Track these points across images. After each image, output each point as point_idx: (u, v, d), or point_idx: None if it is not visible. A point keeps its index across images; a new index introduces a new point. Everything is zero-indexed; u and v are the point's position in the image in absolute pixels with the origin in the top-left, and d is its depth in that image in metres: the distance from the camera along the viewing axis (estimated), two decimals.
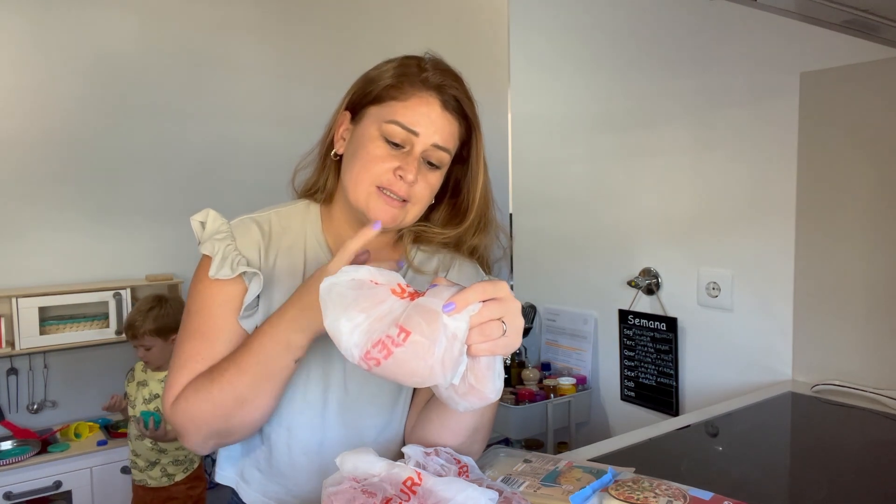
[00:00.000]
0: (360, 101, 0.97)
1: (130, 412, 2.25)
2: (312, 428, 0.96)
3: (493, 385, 0.74)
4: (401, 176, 0.90)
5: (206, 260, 0.94)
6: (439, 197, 1.02)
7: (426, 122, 0.91)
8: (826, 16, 1.09)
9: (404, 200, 0.92)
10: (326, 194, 1.02)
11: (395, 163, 0.90)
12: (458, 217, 1.02)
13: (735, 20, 1.79)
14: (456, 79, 0.96)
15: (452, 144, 0.95)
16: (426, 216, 1.02)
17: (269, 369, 0.85)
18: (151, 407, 2.20)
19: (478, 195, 0.99)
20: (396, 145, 0.91)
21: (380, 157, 0.91)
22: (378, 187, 0.91)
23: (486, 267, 1.07)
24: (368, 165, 0.91)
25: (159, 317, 2.20)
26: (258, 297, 0.93)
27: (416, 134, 0.91)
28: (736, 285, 1.82)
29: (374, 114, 0.94)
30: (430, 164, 0.93)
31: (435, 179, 0.95)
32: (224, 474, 1.02)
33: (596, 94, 2.24)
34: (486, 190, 1.01)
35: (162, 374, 2.25)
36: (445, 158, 0.94)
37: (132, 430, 2.23)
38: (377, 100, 0.94)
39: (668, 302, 2.00)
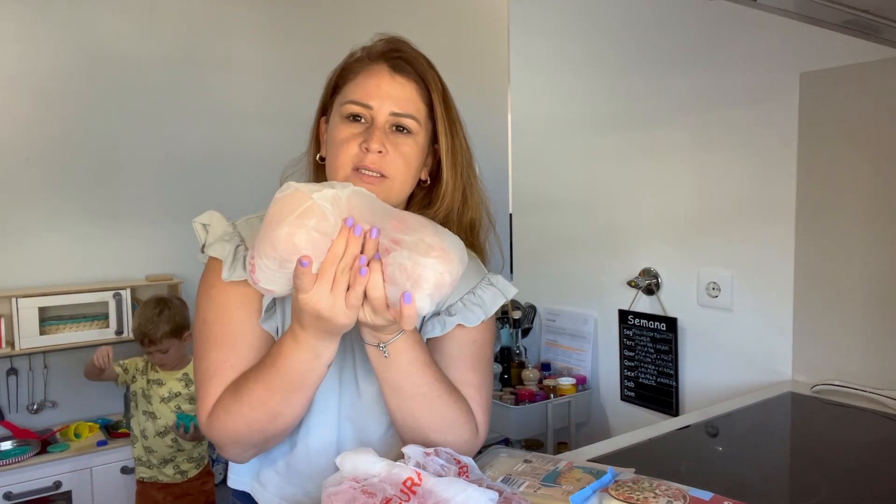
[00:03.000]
0: (326, 98, 0.99)
1: (145, 407, 2.25)
2: (329, 427, 0.96)
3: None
4: (366, 148, 0.89)
5: (213, 263, 0.93)
6: (435, 177, 1.01)
7: (377, 93, 0.91)
8: (826, 16, 1.09)
9: (382, 176, 0.91)
10: None
11: (360, 139, 0.90)
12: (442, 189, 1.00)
13: (735, 20, 1.79)
14: (404, 43, 0.96)
15: (415, 108, 0.93)
16: (427, 204, 1.01)
17: (300, 382, 0.83)
18: (172, 405, 2.21)
19: (444, 156, 0.97)
20: (359, 123, 0.92)
21: (345, 138, 0.91)
22: (354, 170, 0.90)
23: (483, 254, 1.06)
24: (338, 151, 0.91)
25: (171, 318, 2.23)
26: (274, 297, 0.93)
27: (369, 107, 0.91)
28: (736, 285, 1.82)
29: (336, 103, 0.96)
30: (399, 132, 0.92)
31: (409, 149, 0.93)
32: (239, 479, 1.02)
33: (596, 94, 2.24)
34: (459, 152, 0.98)
35: (179, 373, 2.26)
36: (412, 124, 0.93)
37: (149, 426, 2.23)
38: (336, 90, 0.97)
39: (668, 302, 2.00)
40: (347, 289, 0.76)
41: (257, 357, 0.89)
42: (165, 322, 2.21)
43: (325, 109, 1.00)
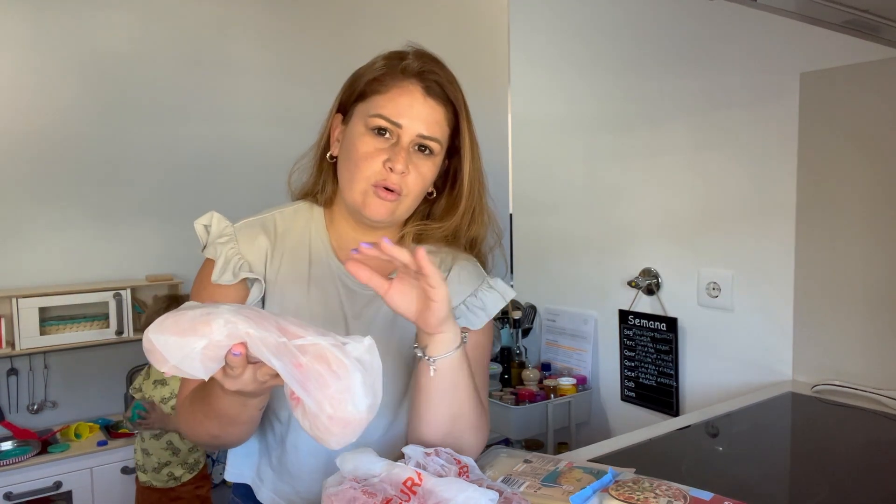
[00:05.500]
0: (348, 100, 0.98)
1: None
2: None
3: (353, 406, 0.68)
4: (391, 168, 0.89)
5: (208, 264, 0.95)
6: (439, 190, 1.01)
7: (409, 113, 0.91)
8: (826, 16, 1.09)
9: (397, 193, 0.91)
10: (326, 198, 1.02)
11: (384, 156, 0.90)
12: (454, 208, 1.01)
13: (735, 20, 1.79)
14: (438, 64, 0.95)
15: (440, 132, 0.94)
16: (428, 212, 1.02)
17: (231, 420, 0.84)
18: (169, 406, 2.20)
19: (465, 181, 0.98)
20: (384, 138, 0.91)
21: (369, 153, 0.91)
22: (373, 185, 0.91)
23: (484, 263, 1.06)
24: (360, 164, 0.91)
25: None
26: (263, 300, 0.93)
27: (399, 126, 0.91)
28: (736, 285, 1.82)
29: (360, 110, 0.94)
30: (421, 152, 0.92)
31: (427, 169, 0.93)
32: (239, 472, 1.03)
33: (596, 94, 2.24)
34: (476, 176, 0.99)
35: None
36: (436, 147, 0.93)
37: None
38: (362, 96, 0.95)
39: (669, 302, 2.00)
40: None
41: None
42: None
43: (342, 108, 0.99)
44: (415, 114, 0.91)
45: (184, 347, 0.66)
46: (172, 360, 0.67)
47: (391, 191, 0.91)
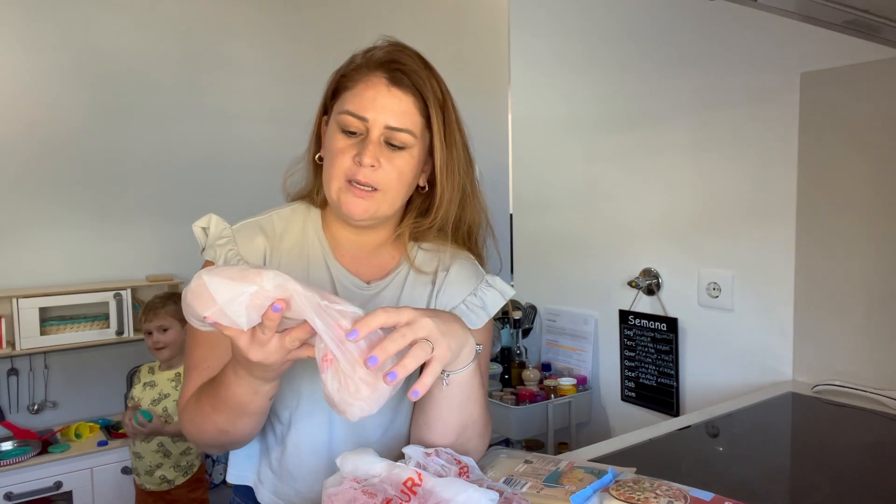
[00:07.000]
0: (327, 100, 0.98)
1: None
2: (320, 428, 0.96)
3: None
4: (359, 162, 0.89)
5: (207, 265, 0.95)
6: (433, 183, 1.00)
7: (373, 106, 0.90)
8: (826, 16, 1.09)
9: (374, 189, 0.91)
10: (322, 199, 1.01)
11: (354, 151, 0.90)
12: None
13: (735, 20, 1.79)
14: (406, 54, 0.93)
15: (411, 122, 0.91)
16: (426, 207, 1.01)
17: (242, 410, 0.85)
18: (159, 408, 2.20)
19: (439, 172, 0.95)
20: (353, 134, 0.91)
21: (340, 149, 0.91)
22: (347, 181, 0.90)
23: (481, 260, 1.06)
24: (333, 161, 0.91)
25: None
26: None
27: (364, 119, 0.90)
28: (736, 286, 1.82)
29: (335, 108, 0.94)
30: (393, 145, 0.91)
31: (402, 162, 0.92)
32: (240, 474, 1.03)
33: (596, 94, 2.24)
34: (454, 167, 0.96)
35: (171, 373, 2.25)
36: (408, 139, 0.91)
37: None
38: (335, 94, 0.95)
39: (669, 302, 2.00)
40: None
41: None
42: (174, 302, 2.23)
43: (326, 109, 0.99)
44: (380, 106, 0.90)
45: (234, 290, 0.69)
46: (220, 302, 0.69)
47: (364, 187, 0.90)
